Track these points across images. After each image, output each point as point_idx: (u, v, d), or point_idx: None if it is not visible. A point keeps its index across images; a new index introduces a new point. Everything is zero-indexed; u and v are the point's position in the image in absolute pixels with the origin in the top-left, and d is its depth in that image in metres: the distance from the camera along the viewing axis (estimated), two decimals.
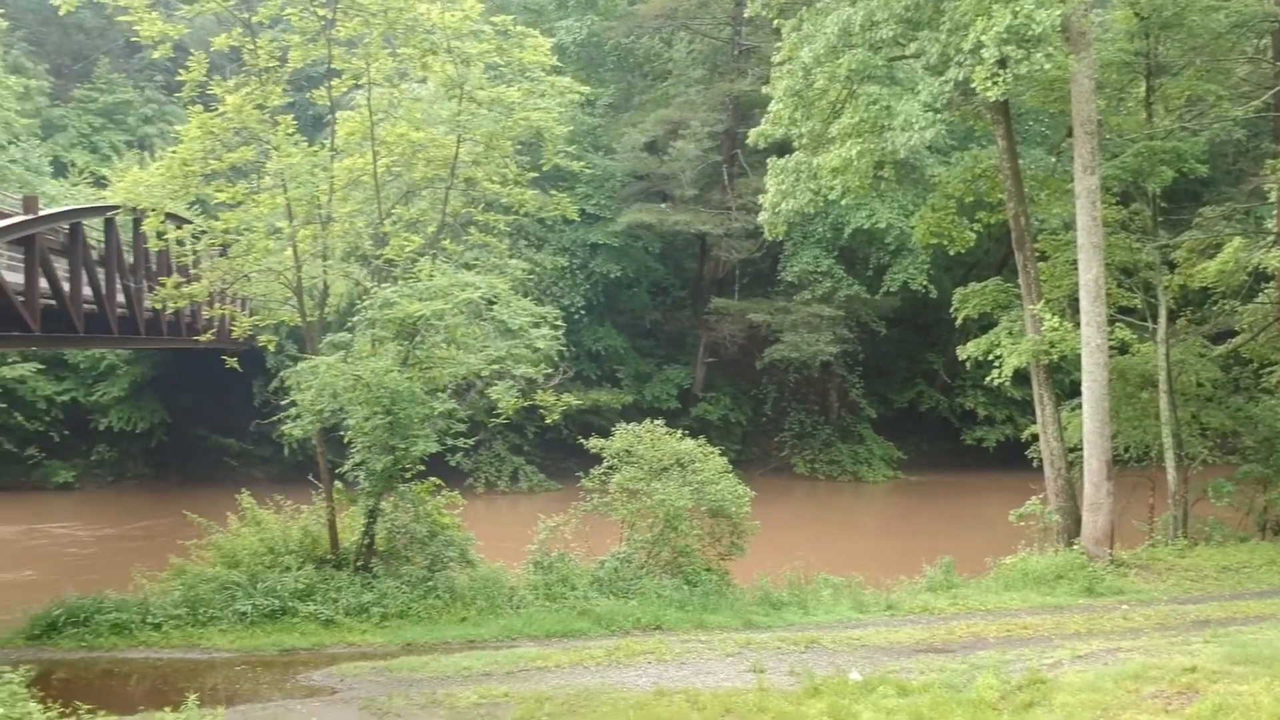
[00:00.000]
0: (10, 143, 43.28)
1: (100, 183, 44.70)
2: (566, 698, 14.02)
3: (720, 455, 21.34)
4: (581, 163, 23.31)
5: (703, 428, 39.68)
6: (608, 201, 41.23)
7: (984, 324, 27.80)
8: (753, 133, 25.04)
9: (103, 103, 49.97)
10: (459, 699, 14.23)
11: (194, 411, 39.44)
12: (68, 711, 11.92)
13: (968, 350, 25.76)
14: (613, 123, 43.56)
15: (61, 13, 20.03)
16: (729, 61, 43.05)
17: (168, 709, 12.96)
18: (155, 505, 35.48)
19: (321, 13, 20.20)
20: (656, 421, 21.37)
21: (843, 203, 26.03)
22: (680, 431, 21.48)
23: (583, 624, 18.02)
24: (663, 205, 40.88)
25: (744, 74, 41.19)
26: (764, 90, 25.71)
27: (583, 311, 40.23)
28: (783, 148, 27.55)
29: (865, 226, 38.58)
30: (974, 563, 22.78)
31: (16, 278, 18.71)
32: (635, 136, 41.14)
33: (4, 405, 37.12)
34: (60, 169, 46.29)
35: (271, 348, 22.77)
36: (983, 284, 27.69)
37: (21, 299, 17.49)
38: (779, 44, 24.63)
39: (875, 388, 44.81)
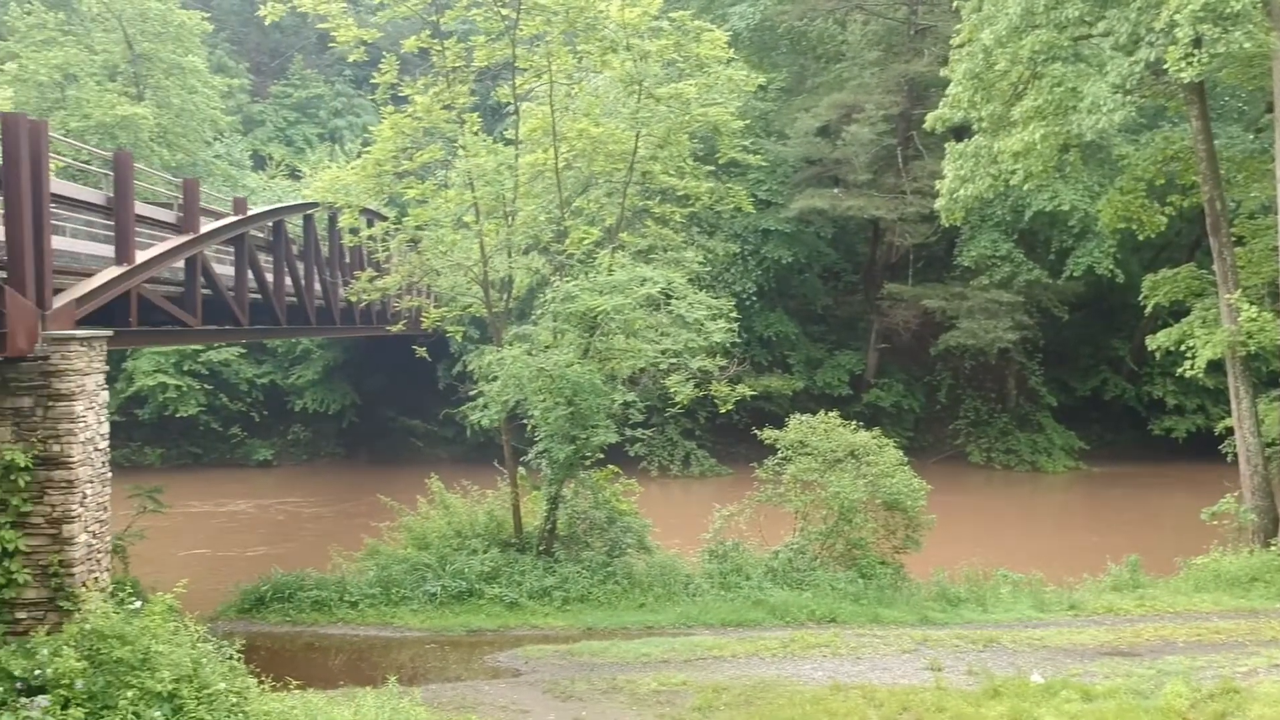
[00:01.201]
0: (215, 139, 45.99)
1: (295, 175, 47.11)
2: (743, 689, 14.30)
3: (893, 444, 21.25)
4: (757, 155, 23.39)
5: (874, 414, 39.34)
6: (779, 187, 41.04)
7: (1175, 310, 26.70)
8: (930, 117, 24.64)
9: (297, 98, 52.56)
10: (639, 685, 14.66)
11: (382, 394, 41.28)
12: (279, 685, 12.82)
13: (1158, 340, 24.83)
14: (785, 107, 43.24)
15: (267, 22, 21.21)
16: (904, 42, 42.15)
17: (368, 687, 13.84)
18: (347, 483, 37.39)
19: (505, 12, 20.85)
20: (831, 414, 21.37)
21: (1024, 187, 25.37)
22: (854, 423, 21.46)
23: (757, 614, 18.26)
24: (835, 190, 40.46)
25: (920, 54, 40.32)
26: (942, 73, 25.26)
27: (754, 298, 40.24)
28: (960, 131, 27.05)
29: (1047, 209, 37.28)
30: (1162, 561, 22.05)
31: (226, 270, 19.99)
32: (808, 122, 40.74)
33: (210, 387, 39.60)
34: (259, 162, 48.94)
35: (459, 338, 23.66)
36: (1174, 270, 26.61)
37: (232, 294, 18.70)
38: (958, 25, 24.18)
39: (1056, 374, 43.39)
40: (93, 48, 42.54)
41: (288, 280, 21.93)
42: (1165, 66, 19.11)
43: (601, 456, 20.60)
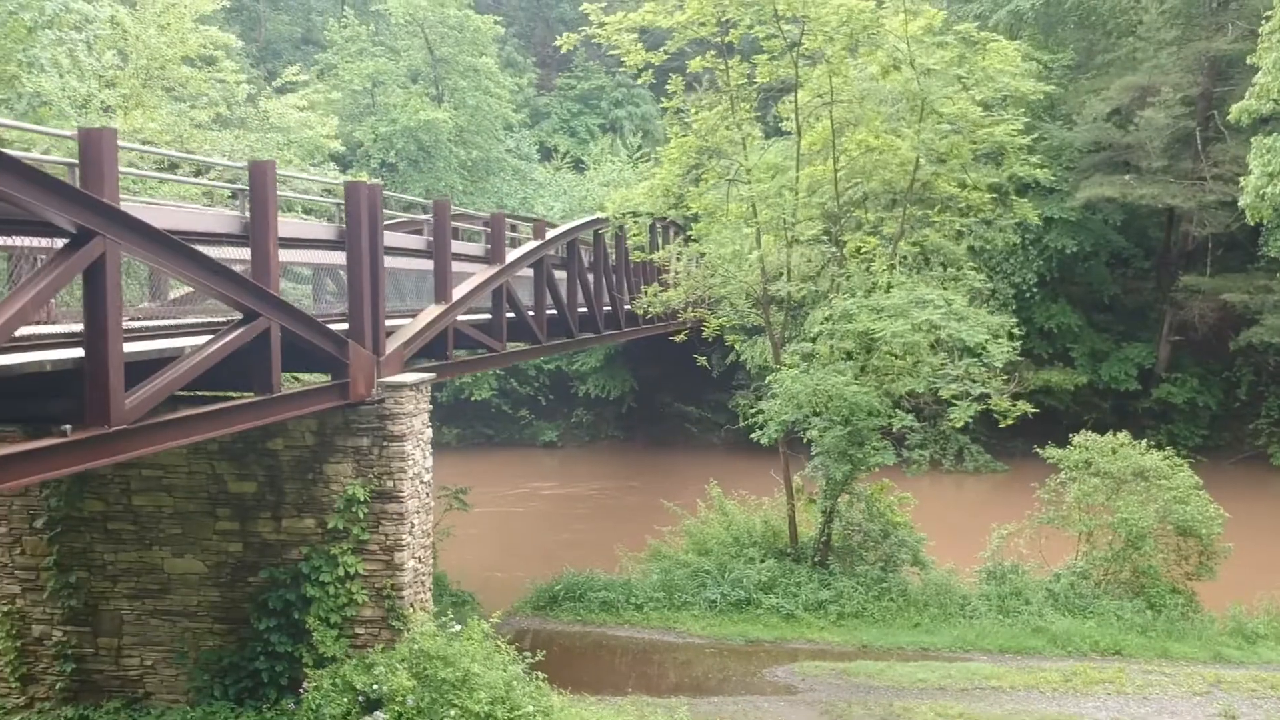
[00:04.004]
0: (506, 133, 48.53)
1: (579, 166, 49.09)
2: None
3: (1184, 448, 20.41)
4: (1045, 170, 22.79)
5: (1165, 410, 37.48)
6: (1064, 173, 39.32)
7: None
8: (1235, 108, 23.40)
9: (579, 90, 54.48)
10: (915, 714, 14.99)
11: (659, 381, 42.71)
12: (573, 688, 13.96)
13: None
14: (1071, 86, 41.35)
15: (562, 51, 22.46)
16: (1206, 15, 39.43)
17: (656, 696, 14.82)
18: (627, 465, 39.18)
19: (787, 29, 21.24)
20: (1121, 434, 20.68)
21: None
22: (1144, 444, 20.74)
23: (1037, 642, 18.10)
24: (1126, 177, 38.44)
25: (1223, 30, 37.67)
26: (1248, 60, 23.90)
27: (1034, 288, 38.90)
28: (1270, 121, 25.36)
29: None
30: None
31: (523, 272, 21.37)
32: (1097, 106, 38.78)
33: (502, 372, 42.18)
34: (545, 154, 51.26)
35: (739, 347, 24.40)
36: None
37: (532, 314, 20.07)
38: (1269, 7, 22.73)
39: None
40: (398, 54, 45.77)
41: (580, 293, 23.23)
42: None
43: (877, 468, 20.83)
